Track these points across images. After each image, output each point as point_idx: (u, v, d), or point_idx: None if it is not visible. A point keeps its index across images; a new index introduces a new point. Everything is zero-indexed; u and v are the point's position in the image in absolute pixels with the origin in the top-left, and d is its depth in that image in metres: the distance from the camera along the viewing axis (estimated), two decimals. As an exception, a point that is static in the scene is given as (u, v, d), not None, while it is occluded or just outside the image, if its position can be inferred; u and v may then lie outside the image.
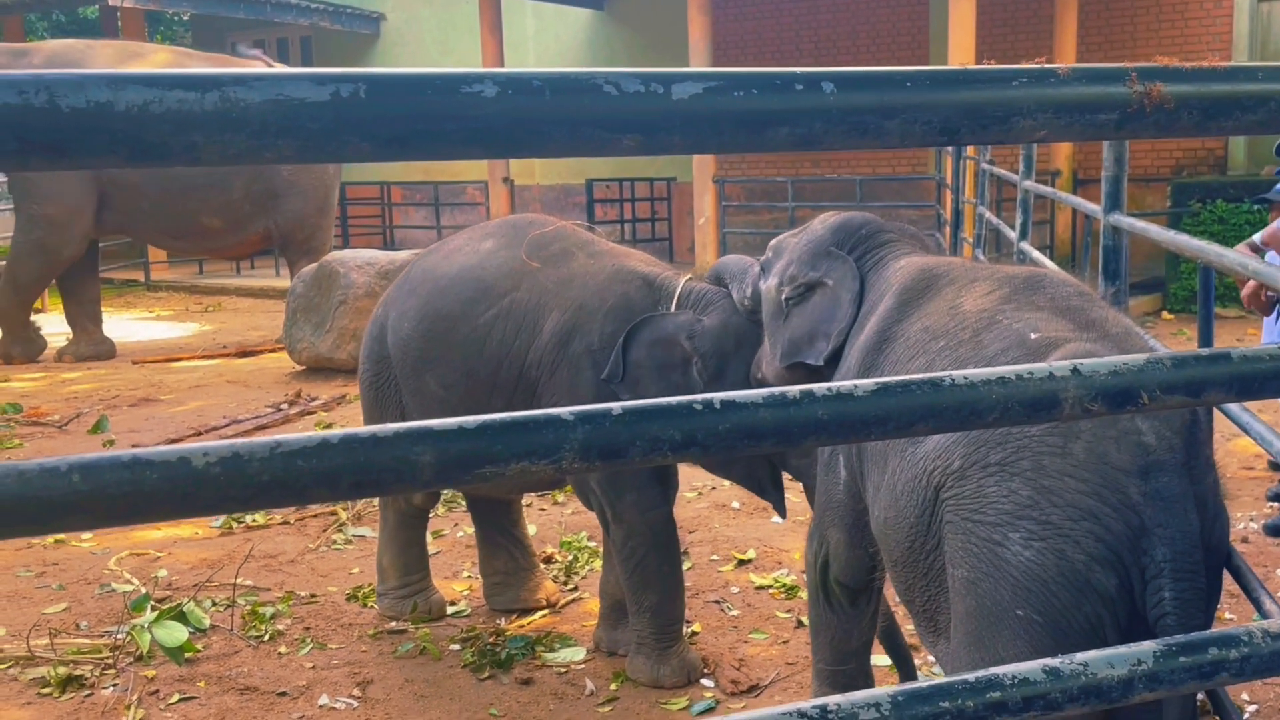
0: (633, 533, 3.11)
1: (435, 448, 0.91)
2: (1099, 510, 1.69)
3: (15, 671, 3.31)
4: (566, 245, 3.18)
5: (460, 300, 3.11)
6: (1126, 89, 1.02)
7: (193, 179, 8.41)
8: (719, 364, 2.94)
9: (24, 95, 0.76)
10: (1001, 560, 1.74)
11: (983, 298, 2.10)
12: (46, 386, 7.51)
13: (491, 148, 0.89)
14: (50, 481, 0.83)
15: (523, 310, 3.07)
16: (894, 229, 2.62)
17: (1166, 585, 1.65)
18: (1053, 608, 1.70)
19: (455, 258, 3.23)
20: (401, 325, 3.22)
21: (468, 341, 3.11)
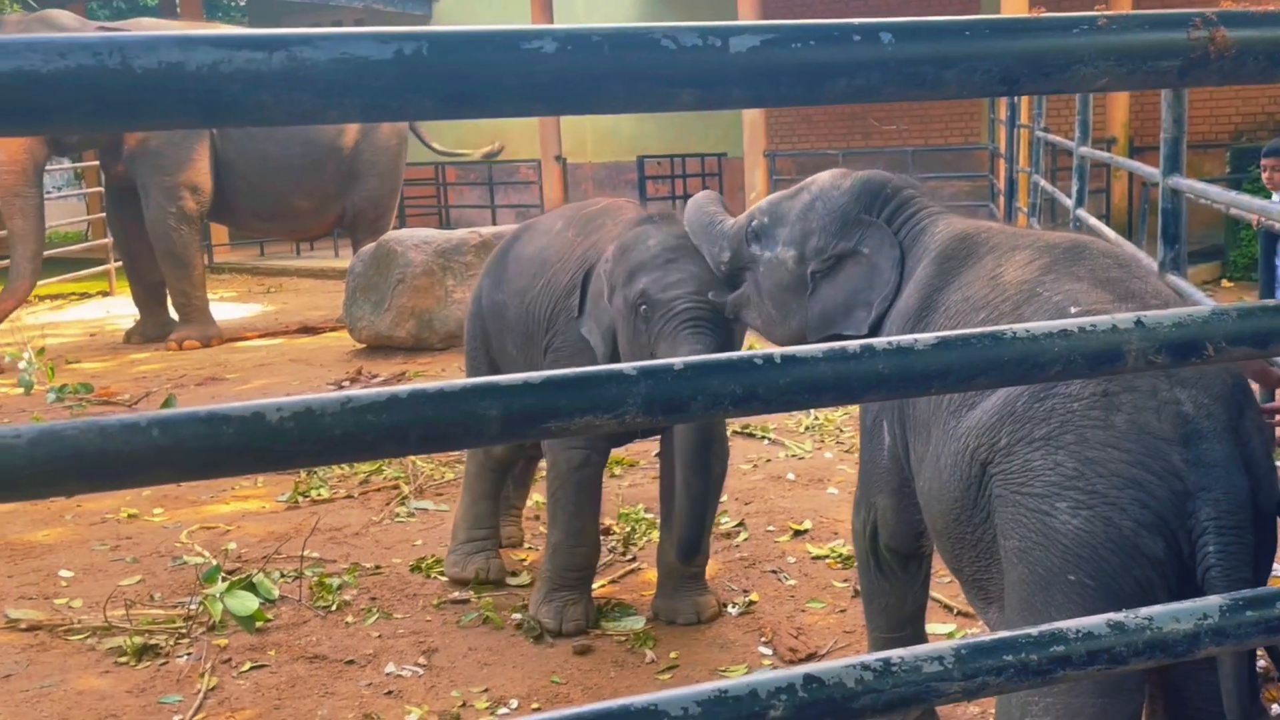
0: (554, 467, 3.32)
1: (501, 403, 0.92)
2: (1143, 478, 1.73)
3: (93, 642, 3.41)
4: (604, 218, 3.42)
5: (528, 275, 3.46)
6: (1189, 35, 1.00)
7: (289, 160, 8.55)
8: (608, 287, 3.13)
9: (98, 57, 0.78)
10: (1051, 529, 1.79)
11: (1023, 267, 2.09)
12: (116, 367, 7.69)
13: (551, 104, 0.90)
14: (131, 436, 0.85)
15: (554, 275, 3.37)
16: (915, 187, 2.57)
17: (1211, 541, 1.69)
18: (1103, 571, 1.74)
19: (535, 238, 3.57)
20: (495, 294, 3.61)
21: (528, 308, 3.43)
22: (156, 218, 8.29)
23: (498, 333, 3.61)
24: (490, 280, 3.66)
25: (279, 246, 13.48)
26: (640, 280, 3.03)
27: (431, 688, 3.10)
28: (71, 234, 14.75)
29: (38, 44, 0.78)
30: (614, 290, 3.12)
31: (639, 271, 3.05)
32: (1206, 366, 1.84)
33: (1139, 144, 10.23)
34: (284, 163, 8.55)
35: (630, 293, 3.04)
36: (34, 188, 7.92)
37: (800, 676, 1.03)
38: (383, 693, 3.08)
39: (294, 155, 8.53)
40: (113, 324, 9.51)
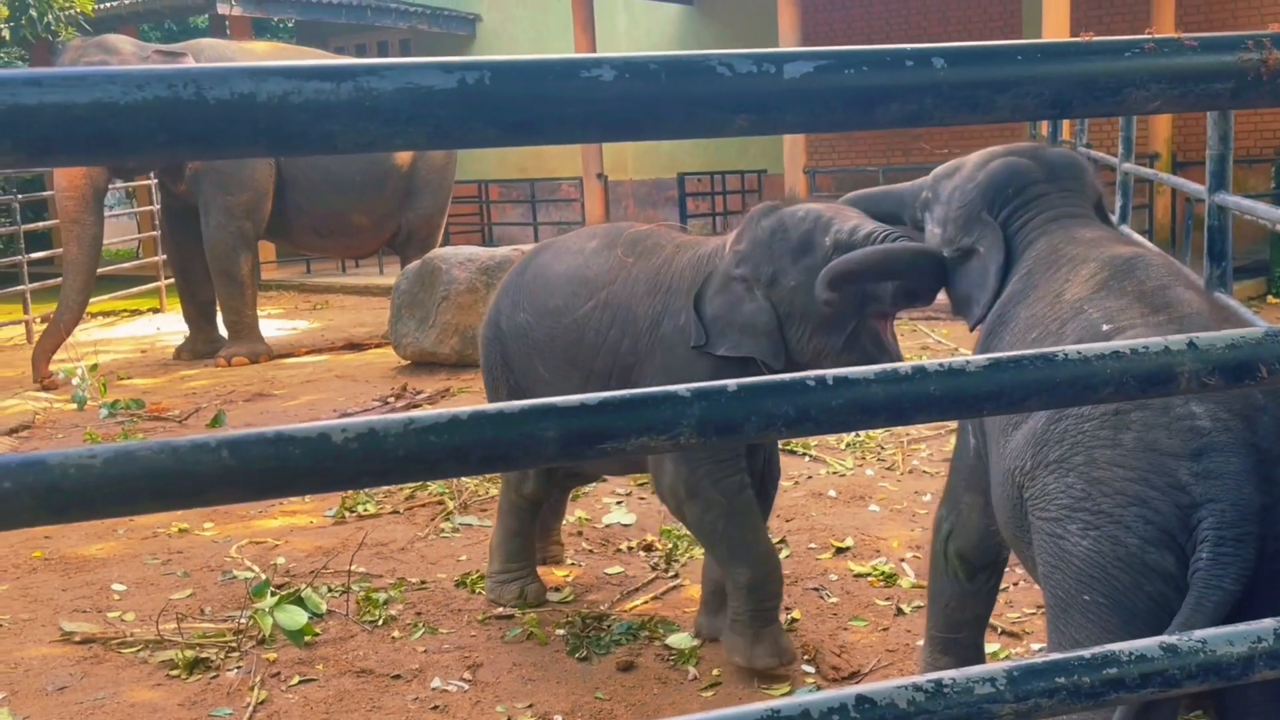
0: (709, 506, 3.10)
1: (559, 424, 0.94)
2: (1146, 495, 1.72)
3: (145, 655, 3.46)
4: (658, 240, 3.30)
5: (564, 295, 3.30)
6: (1241, 58, 1.00)
7: (351, 177, 8.62)
8: (769, 270, 2.98)
9: (173, 89, 0.81)
10: (1065, 552, 1.81)
11: (1082, 284, 2.09)
12: (166, 383, 7.80)
13: (610, 130, 0.92)
14: (201, 457, 0.88)
15: (618, 302, 3.20)
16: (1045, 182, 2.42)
17: (1206, 550, 1.66)
18: (1115, 590, 1.75)
19: (563, 257, 3.41)
20: (516, 315, 3.43)
21: (570, 331, 3.27)
22: (216, 237, 8.39)
23: (523, 355, 3.43)
24: (509, 301, 3.49)
25: (325, 264, 13.65)
26: (822, 240, 2.90)
27: (476, 703, 3.12)
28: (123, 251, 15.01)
29: (117, 76, 0.81)
30: (776, 278, 2.96)
31: (813, 236, 2.92)
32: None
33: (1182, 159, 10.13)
34: (346, 180, 8.63)
35: (814, 259, 2.89)
36: (93, 215, 7.97)
37: (853, 697, 1.04)
38: (429, 708, 3.10)
39: (356, 173, 8.61)
40: (163, 341, 9.66)
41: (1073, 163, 2.48)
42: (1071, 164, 2.47)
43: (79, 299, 7.94)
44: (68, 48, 8.30)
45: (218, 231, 8.37)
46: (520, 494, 3.67)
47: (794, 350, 3.01)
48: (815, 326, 2.95)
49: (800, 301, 2.95)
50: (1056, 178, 2.42)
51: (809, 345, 2.98)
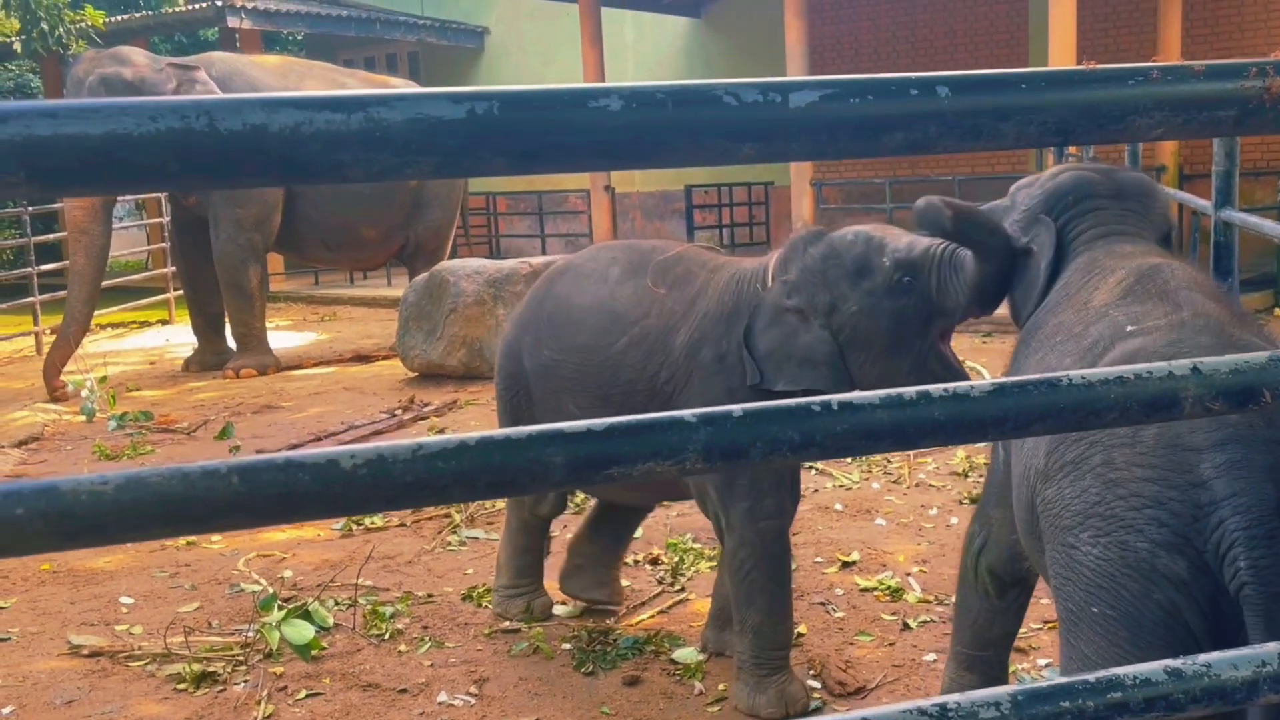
0: (743, 543, 3.03)
1: (566, 449, 0.95)
2: (1162, 495, 1.66)
3: (153, 668, 3.47)
4: (688, 266, 3.17)
5: (594, 331, 3.16)
6: (1245, 85, 1.01)
7: (360, 189, 8.65)
8: (825, 298, 2.90)
9: (186, 120, 0.82)
10: (1075, 563, 1.75)
11: (1108, 291, 2.06)
12: (175, 395, 7.83)
13: (618, 159, 0.93)
14: (212, 483, 0.89)
15: (654, 335, 3.09)
16: (1107, 198, 2.37)
17: (1241, 555, 1.59)
18: (1123, 600, 1.69)
19: (585, 286, 3.24)
20: (540, 351, 3.28)
21: (603, 369, 3.14)
22: (226, 250, 8.43)
23: (551, 393, 3.28)
24: (530, 338, 3.31)
25: (333, 276, 13.70)
26: (879, 260, 2.82)
27: (483, 717, 3.12)
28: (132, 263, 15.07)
29: (130, 108, 0.82)
30: (835, 305, 2.88)
31: (868, 258, 2.84)
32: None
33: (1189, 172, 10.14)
34: (356, 193, 8.68)
35: (873, 281, 2.82)
36: (101, 226, 8.02)
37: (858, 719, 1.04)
38: (435, 722, 3.10)
39: (366, 186, 8.63)
40: (172, 352, 9.70)
41: (1141, 185, 2.42)
42: (1140, 186, 2.41)
43: (85, 310, 7.98)
44: (81, 59, 8.36)
45: (227, 244, 8.41)
46: (535, 513, 3.64)
47: (858, 378, 2.92)
48: (880, 351, 2.86)
49: (864, 327, 2.86)
50: (1121, 196, 2.37)
51: (874, 371, 2.89)
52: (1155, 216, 2.38)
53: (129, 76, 7.89)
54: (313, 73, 9.15)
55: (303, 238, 8.93)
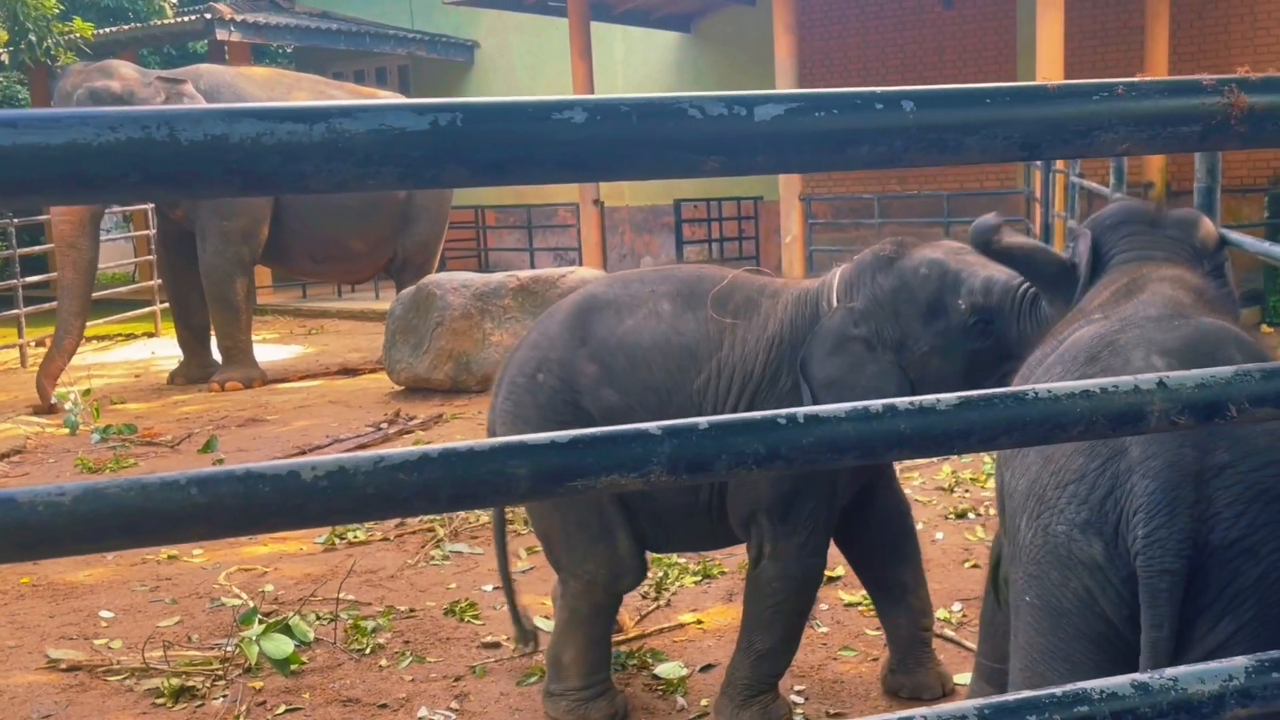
0: (786, 574, 2.96)
1: (530, 461, 0.95)
2: (1085, 468, 1.63)
3: (131, 683, 3.45)
4: (747, 293, 3.06)
5: (665, 370, 2.97)
6: (1209, 101, 1.02)
7: (348, 202, 8.66)
8: (895, 333, 2.80)
9: (146, 130, 0.82)
10: (1017, 548, 1.73)
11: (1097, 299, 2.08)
12: (159, 408, 7.80)
13: (582, 171, 0.93)
14: (171, 495, 0.89)
15: (732, 365, 2.96)
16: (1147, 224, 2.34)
17: (1140, 523, 1.55)
18: (1045, 588, 1.66)
19: (640, 323, 3.01)
20: (602, 394, 2.97)
21: (685, 408, 2.95)
22: (212, 262, 8.41)
23: None
24: (587, 380, 2.98)
25: (320, 288, 13.68)
26: (954, 303, 2.74)
27: (463, 733, 3.10)
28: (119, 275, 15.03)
29: (90, 118, 0.82)
30: (904, 342, 2.79)
31: (942, 298, 2.76)
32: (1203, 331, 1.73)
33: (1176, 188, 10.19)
34: (343, 206, 8.68)
35: (948, 323, 2.75)
36: (89, 239, 8.02)
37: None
38: (415, 737, 3.09)
39: (353, 199, 8.64)
40: (157, 365, 9.66)
41: (1186, 216, 2.38)
42: (1184, 217, 2.37)
43: (76, 323, 7.98)
44: (69, 71, 8.35)
45: (214, 257, 8.39)
46: (612, 593, 3.12)
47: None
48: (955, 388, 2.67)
49: (935, 367, 2.78)
50: (1159, 224, 2.35)
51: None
52: (1198, 245, 2.32)
53: (117, 89, 7.88)
54: (301, 85, 9.15)
55: (290, 250, 8.92)
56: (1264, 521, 1.56)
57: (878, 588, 3.30)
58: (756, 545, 3.00)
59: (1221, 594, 1.57)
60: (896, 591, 3.25)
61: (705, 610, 3.89)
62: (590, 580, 3.05)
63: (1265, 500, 1.56)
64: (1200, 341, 1.71)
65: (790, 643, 3.08)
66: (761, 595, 3.01)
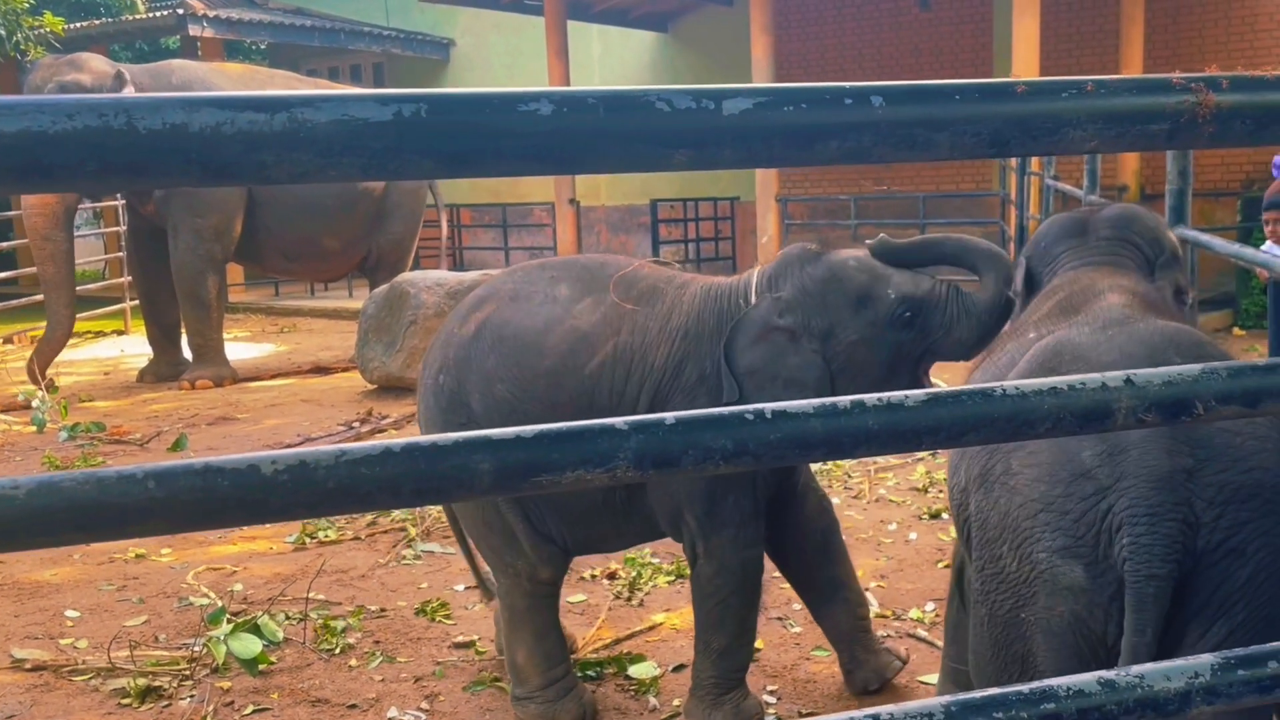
0: (723, 569, 2.95)
1: (494, 456, 0.94)
2: (1050, 495, 1.66)
3: (97, 683, 3.41)
4: (653, 281, 3.03)
5: (559, 354, 2.89)
6: (1177, 99, 1.02)
7: (323, 200, 8.60)
8: (823, 322, 2.83)
9: (104, 118, 0.81)
10: (1002, 573, 1.77)
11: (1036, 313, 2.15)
12: (128, 406, 7.72)
13: (548, 163, 0.92)
14: (127, 488, 0.87)
15: (629, 352, 2.90)
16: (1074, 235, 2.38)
17: (1126, 533, 1.58)
18: (1037, 610, 1.71)
19: (534, 309, 2.96)
20: (493, 387, 2.92)
21: (577, 394, 2.88)
22: (184, 259, 8.34)
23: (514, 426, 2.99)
24: (476, 376, 2.93)
25: (294, 287, 13.59)
26: (884, 292, 2.80)
27: (434, 733, 3.09)
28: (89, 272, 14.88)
29: (45, 105, 0.81)
30: (832, 330, 2.82)
31: (872, 288, 2.81)
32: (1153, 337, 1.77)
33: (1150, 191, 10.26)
34: (318, 203, 8.61)
35: (876, 313, 2.80)
36: (63, 231, 8.01)
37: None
38: (385, 737, 3.07)
39: (329, 196, 8.58)
40: (126, 363, 9.57)
41: (1121, 215, 2.38)
42: (1119, 217, 2.37)
43: (67, 313, 8.09)
44: (39, 65, 8.26)
45: (185, 254, 8.32)
46: (539, 581, 3.10)
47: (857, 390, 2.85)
48: (871, 382, 2.81)
49: (860, 356, 2.82)
50: (1090, 231, 2.37)
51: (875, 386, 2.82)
52: (1135, 240, 2.32)
53: (87, 83, 7.81)
54: (274, 81, 9.09)
55: (263, 248, 8.84)
56: (1245, 520, 1.58)
57: (811, 588, 3.31)
58: (690, 545, 3.00)
59: (1212, 598, 1.59)
60: (830, 588, 3.27)
61: (679, 610, 3.89)
62: (514, 573, 3.07)
63: (1244, 499, 1.58)
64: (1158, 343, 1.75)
65: (745, 636, 3.06)
66: (705, 595, 3.00)
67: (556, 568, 3.11)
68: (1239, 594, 1.59)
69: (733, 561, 2.95)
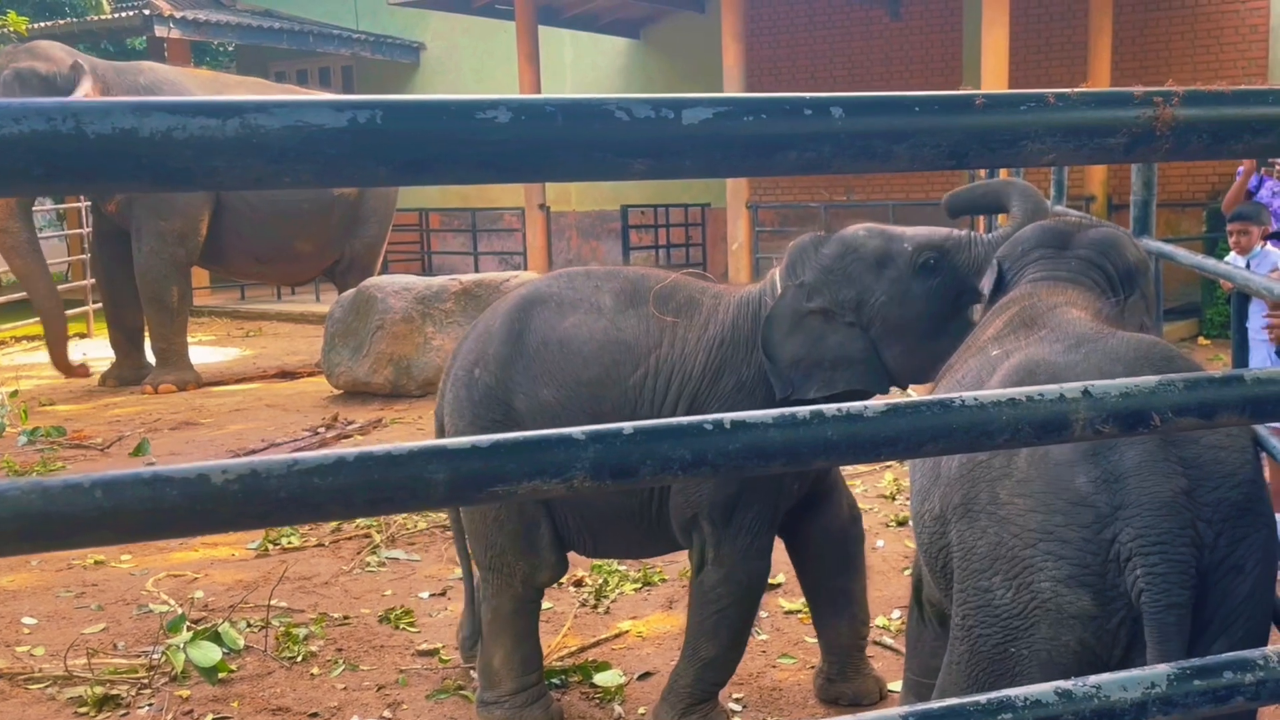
0: (729, 578, 2.94)
1: (448, 466, 0.93)
2: (1049, 524, 1.65)
3: (53, 691, 3.36)
4: (690, 293, 3.04)
5: (602, 365, 2.92)
6: (1135, 113, 1.02)
7: (298, 204, 8.54)
8: (850, 293, 2.83)
9: (51, 122, 0.79)
10: (991, 605, 1.74)
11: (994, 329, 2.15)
12: (90, 410, 7.63)
13: (506, 172, 0.91)
14: (74, 498, 0.86)
15: (670, 364, 2.93)
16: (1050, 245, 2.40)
17: (1139, 564, 1.58)
18: (1036, 641, 1.68)
19: (580, 318, 2.98)
20: (539, 391, 2.94)
21: (620, 404, 2.91)
22: (148, 262, 8.25)
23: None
24: (522, 376, 2.95)
25: (260, 290, 13.48)
26: (901, 247, 2.81)
27: (396, 742, 3.06)
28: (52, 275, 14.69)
29: (-8, 108, 0.79)
30: (862, 299, 2.81)
31: (889, 247, 2.82)
32: (1126, 353, 1.78)
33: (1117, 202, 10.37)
34: (292, 207, 8.54)
35: (897, 269, 2.80)
36: (20, 222, 7.91)
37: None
38: (346, 747, 3.04)
39: (303, 199, 8.51)
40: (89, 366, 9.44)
41: (1101, 236, 2.38)
42: (1099, 237, 2.38)
43: (52, 302, 8.17)
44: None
45: (150, 257, 8.23)
46: (530, 586, 3.08)
47: (897, 371, 2.86)
48: (917, 337, 2.80)
49: (895, 315, 2.81)
50: (1068, 245, 2.37)
51: (914, 360, 2.82)
52: (1109, 267, 2.33)
53: (44, 71, 7.71)
54: (244, 85, 9.03)
55: (232, 251, 8.76)
56: (1242, 536, 1.60)
57: (821, 595, 3.29)
58: (699, 550, 2.97)
59: (1215, 615, 1.60)
60: (841, 600, 3.26)
61: (645, 618, 3.88)
62: (509, 574, 3.03)
63: (1238, 515, 1.61)
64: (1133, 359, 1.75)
65: (735, 649, 3.06)
66: (706, 601, 2.98)
67: (558, 572, 3.10)
68: (1239, 609, 1.61)
69: (740, 572, 2.95)
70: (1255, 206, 5.27)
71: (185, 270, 8.50)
